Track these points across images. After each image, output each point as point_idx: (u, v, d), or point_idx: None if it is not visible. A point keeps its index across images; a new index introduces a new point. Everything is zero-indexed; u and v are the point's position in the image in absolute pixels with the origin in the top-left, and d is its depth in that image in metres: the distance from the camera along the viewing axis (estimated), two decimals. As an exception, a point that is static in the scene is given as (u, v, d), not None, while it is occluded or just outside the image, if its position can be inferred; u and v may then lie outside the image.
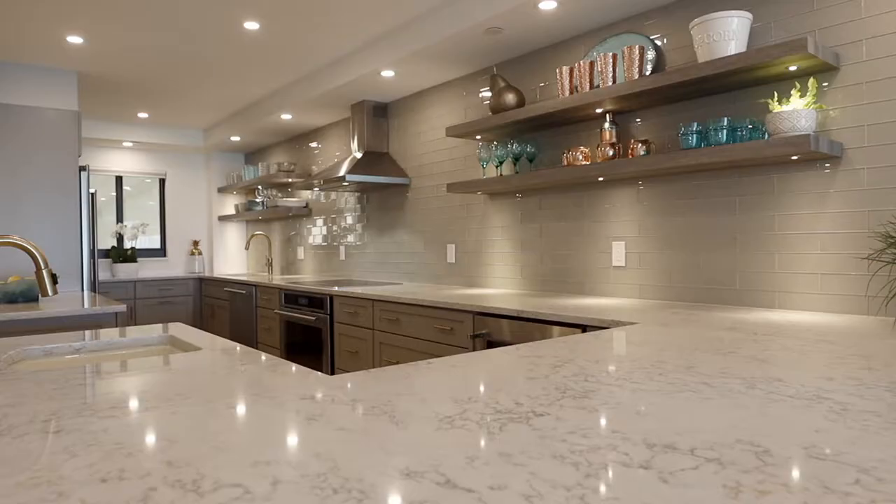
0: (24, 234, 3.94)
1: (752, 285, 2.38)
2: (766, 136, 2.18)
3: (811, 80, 2.06)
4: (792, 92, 2.10)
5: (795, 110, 2.01)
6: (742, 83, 2.30)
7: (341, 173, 4.05)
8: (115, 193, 6.40)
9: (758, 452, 0.73)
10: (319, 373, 1.22)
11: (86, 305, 2.89)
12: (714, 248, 2.51)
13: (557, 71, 2.87)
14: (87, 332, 1.93)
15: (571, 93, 2.80)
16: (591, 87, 2.73)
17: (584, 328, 2.20)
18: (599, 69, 2.66)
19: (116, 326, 2.89)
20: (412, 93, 4.21)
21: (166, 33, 3.44)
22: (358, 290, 3.62)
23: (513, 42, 3.15)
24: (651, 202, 2.75)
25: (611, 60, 2.62)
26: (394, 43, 3.45)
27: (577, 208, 3.09)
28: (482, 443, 0.78)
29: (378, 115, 4.44)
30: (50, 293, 1.50)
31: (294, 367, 1.31)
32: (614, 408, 0.94)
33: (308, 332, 4.09)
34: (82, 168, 4.14)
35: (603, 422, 0.86)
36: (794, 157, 2.12)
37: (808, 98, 2.06)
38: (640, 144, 2.58)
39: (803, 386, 1.07)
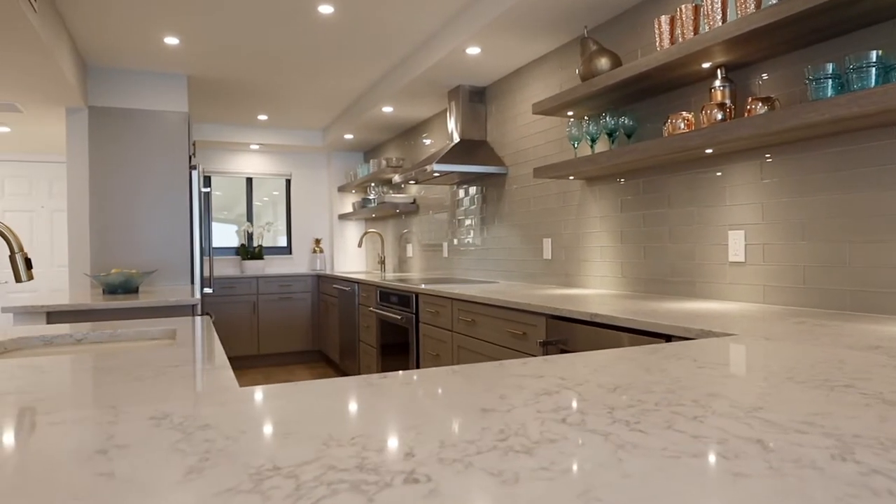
0: (141, 231, 4.19)
1: (925, 287, 1.71)
2: (944, 75, 1.53)
3: None
4: (985, 5, 1.44)
5: None
6: (906, 5, 1.65)
7: (432, 164, 3.80)
8: (244, 194, 6.77)
9: None
10: (238, 385, 0.94)
11: (178, 297, 2.91)
12: (867, 237, 1.85)
13: (655, 22, 2.35)
14: (95, 324, 1.84)
15: (672, 45, 2.27)
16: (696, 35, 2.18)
17: (669, 338, 1.71)
18: (706, 12, 2.11)
19: (192, 316, 2.87)
20: (507, 73, 3.84)
21: (246, 26, 3.42)
22: (440, 287, 3.33)
23: (607, -3, 2.67)
24: (778, 179, 2.13)
25: (720, -1, 2.06)
26: (472, 14, 3.11)
27: (686, 192, 2.52)
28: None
29: (475, 100, 4.12)
30: (24, 279, 1.39)
31: (227, 373, 1.05)
32: (548, 480, 0.54)
33: (400, 331, 3.89)
34: (193, 167, 4.32)
35: (491, 512, 0.48)
36: None
37: None
38: (759, 104, 2.00)
39: (950, 463, 0.57)
